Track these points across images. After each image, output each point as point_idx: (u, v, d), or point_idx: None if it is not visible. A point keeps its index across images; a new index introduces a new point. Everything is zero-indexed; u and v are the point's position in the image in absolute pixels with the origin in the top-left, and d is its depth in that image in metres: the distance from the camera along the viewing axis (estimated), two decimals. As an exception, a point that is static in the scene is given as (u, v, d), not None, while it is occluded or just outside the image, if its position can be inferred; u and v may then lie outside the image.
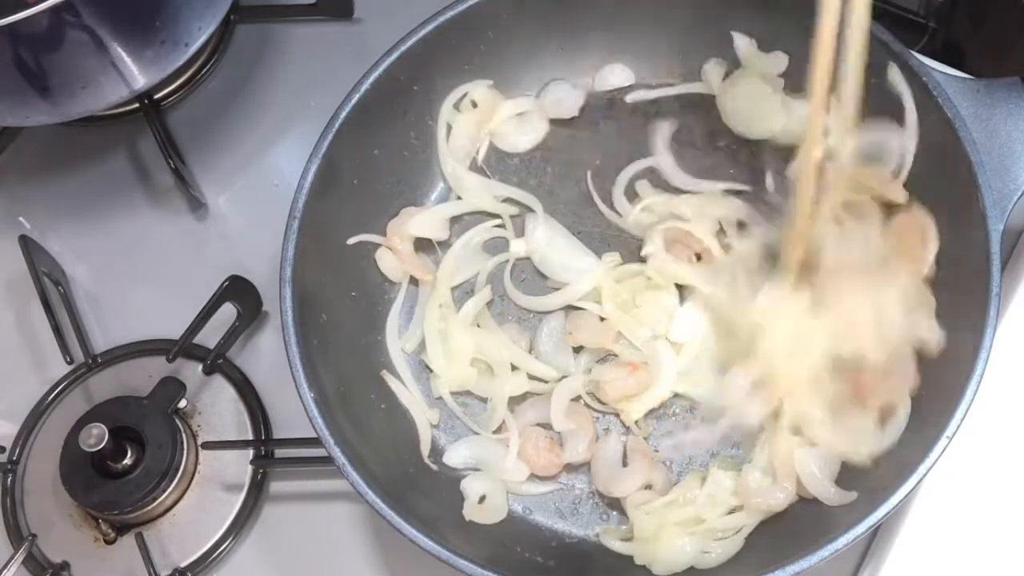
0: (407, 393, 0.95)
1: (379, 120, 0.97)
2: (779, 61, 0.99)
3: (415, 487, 0.90)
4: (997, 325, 0.82)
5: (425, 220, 1.00)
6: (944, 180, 0.89)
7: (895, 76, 0.89)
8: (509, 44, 1.02)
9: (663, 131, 1.02)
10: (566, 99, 1.04)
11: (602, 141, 1.04)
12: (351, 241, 0.97)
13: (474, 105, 1.03)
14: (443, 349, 0.96)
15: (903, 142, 0.90)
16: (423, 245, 1.01)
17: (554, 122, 1.04)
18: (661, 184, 1.01)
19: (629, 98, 1.04)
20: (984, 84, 0.90)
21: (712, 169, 1.01)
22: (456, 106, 1.02)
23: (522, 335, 0.97)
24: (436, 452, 0.94)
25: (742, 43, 1.00)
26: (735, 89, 1.00)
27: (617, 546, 0.89)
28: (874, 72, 0.93)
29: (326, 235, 0.94)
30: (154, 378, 1.00)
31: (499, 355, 0.95)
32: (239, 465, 0.99)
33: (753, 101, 0.99)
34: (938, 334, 0.86)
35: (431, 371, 0.97)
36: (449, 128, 1.02)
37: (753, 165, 1.00)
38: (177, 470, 0.97)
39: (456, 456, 0.94)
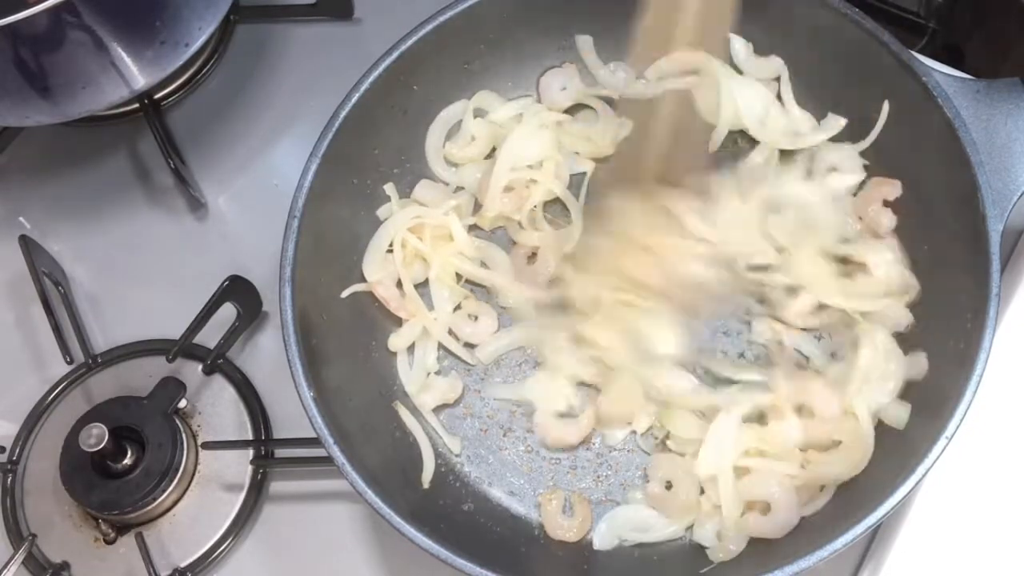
0: (417, 426, 0.94)
1: (379, 120, 0.97)
2: (774, 65, 0.99)
3: (415, 486, 0.90)
4: (997, 325, 0.82)
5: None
6: (944, 180, 0.89)
7: None
8: (509, 44, 1.02)
9: None
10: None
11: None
12: (344, 294, 0.96)
13: (475, 115, 1.02)
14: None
15: None
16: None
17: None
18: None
19: (628, 94, 1.03)
20: (984, 84, 0.90)
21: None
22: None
23: None
24: (452, 474, 0.94)
25: (739, 46, 1.00)
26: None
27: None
28: (871, 72, 0.94)
29: (326, 235, 0.94)
30: (154, 378, 1.00)
31: None
32: (239, 465, 0.99)
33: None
34: None
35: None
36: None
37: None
38: (177, 470, 0.97)
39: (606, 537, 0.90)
